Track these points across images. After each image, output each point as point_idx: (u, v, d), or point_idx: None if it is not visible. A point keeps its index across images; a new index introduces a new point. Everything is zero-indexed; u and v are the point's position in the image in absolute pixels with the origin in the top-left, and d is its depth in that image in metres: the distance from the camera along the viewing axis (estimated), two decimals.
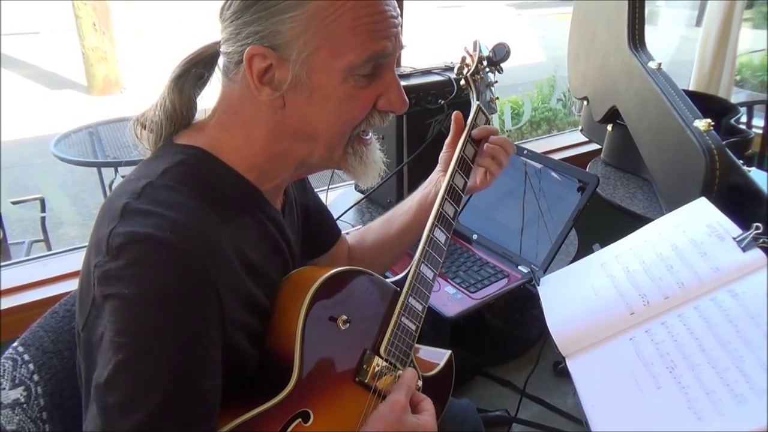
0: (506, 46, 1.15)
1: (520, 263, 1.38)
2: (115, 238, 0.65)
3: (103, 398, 0.63)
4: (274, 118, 0.75)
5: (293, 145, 0.77)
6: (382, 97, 0.77)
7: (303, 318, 0.74)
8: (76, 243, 2.37)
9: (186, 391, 0.64)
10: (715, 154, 1.27)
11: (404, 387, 0.80)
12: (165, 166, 0.72)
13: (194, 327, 0.65)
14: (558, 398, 1.99)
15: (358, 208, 1.64)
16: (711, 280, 0.83)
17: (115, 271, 0.64)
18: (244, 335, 0.73)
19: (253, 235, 0.77)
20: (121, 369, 0.62)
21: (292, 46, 0.70)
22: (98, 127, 2.67)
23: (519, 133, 3.56)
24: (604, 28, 1.77)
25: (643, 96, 1.56)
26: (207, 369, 0.67)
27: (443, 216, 0.95)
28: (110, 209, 0.69)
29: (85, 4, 5.04)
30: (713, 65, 2.51)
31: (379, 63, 0.74)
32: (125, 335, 0.63)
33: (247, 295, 0.74)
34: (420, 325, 0.89)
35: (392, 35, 0.73)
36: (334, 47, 0.70)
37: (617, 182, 1.78)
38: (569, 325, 0.91)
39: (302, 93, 0.73)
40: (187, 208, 0.69)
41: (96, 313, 0.66)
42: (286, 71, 0.71)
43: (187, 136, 0.78)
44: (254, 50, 0.70)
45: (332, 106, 0.74)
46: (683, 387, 0.74)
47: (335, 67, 0.71)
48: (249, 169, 0.77)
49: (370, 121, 0.79)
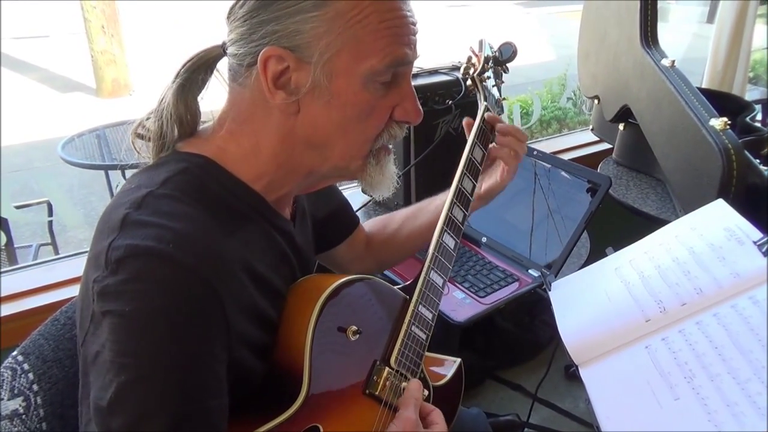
0: (512, 45, 1.12)
1: (530, 267, 1.35)
2: (114, 252, 0.62)
3: (107, 422, 0.60)
4: (286, 124, 0.71)
5: (303, 154, 0.74)
6: (399, 107, 0.74)
7: (312, 329, 0.71)
8: (83, 246, 2.37)
9: (192, 412, 0.62)
10: (732, 154, 1.23)
11: (411, 401, 0.77)
12: (167, 174, 0.69)
13: (198, 345, 0.63)
14: (569, 402, 1.96)
15: (365, 211, 1.62)
16: (730, 286, 0.80)
17: (114, 287, 0.61)
18: (250, 349, 0.71)
19: (260, 246, 0.74)
20: (123, 391, 0.60)
21: (313, 47, 0.66)
22: (105, 129, 2.67)
23: (529, 132, 3.52)
24: (615, 26, 1.74)
25: (656, 94, 1.53)
26: (213, 387, 0.64)
27: (452, 221, 0.92)
28: (109, 220, 0.66)
29: (94, 7, 5.06)
30: (727, 62, 2.46)
31: (397, 71, 0.71)
32: (126, 356, 0.60)
33: (253, 308, 0.71)
34: (430, 334, 0.86)
35: (412, 43, 0.71)
36: (357, 50, 0.67)
37: (629, 182, 1.74)
38: (582, 333, 0.88)
39: (320, 98, 0.69)
40: (190, 218, 0.66)
41: (94, 330, 0.64)
42: (305, 74, 0.67)
43: (191, 144, 0.75)
44: (271, 51, 0.66)
45: (350, 113, 0.70)
46: (702, 398, 0.71)
47: (357, 72, 0.68)
48: (256, 179, 0.74)
49: (390, 132, 0.76)
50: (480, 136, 1.00)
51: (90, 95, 5.55)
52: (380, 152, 0.77)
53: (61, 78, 5.91)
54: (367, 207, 1.63)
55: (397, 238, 1.09)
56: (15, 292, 1.35)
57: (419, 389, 0.80)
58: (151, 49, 6.22)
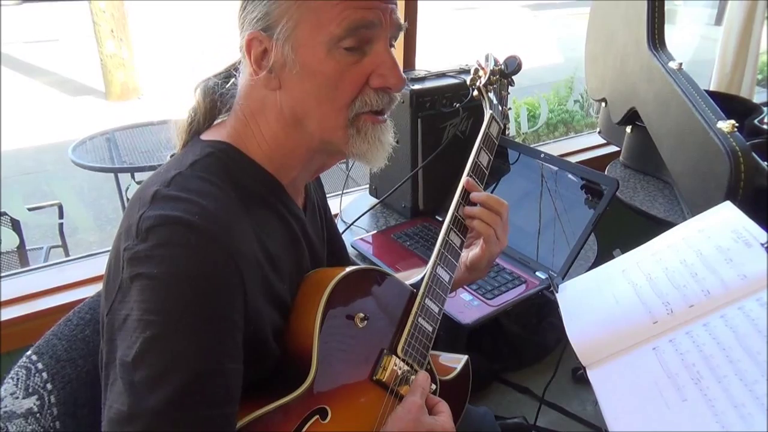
0: (517, 58, 1.18)
1: (537, 269, 1.35)
2: (145, 221, 0.66)
3: (130, 375, 0.63)
4: (275, 102, 0.76)
5: (295, 129, 0.78)
6: (374, 74, 0.75)
7: (321, 315, 0.75)
8: (93, 248, 2.39)
9: (211, 371, 0.65)
10: (739, 156, 1.23)
11: (418, 388, 0.80)
12: (194, 158, 0.74)
13: (220, 308, 0.66)
14: (577, 405, 1.96)
15: (372, 213, 1.63)
16: (738, 288, 0.80)
17: (144, 252, 0.65)
18: (265, 326, 0.74)
19: (273, 227, 0.78)
20: (148, 346, 0.63)
21: (278, 24, 0.72)
22: (115, 133, 2.70)
23: (535, 135, 3.52)
24: (623, 28, 1.74)
25: (663, 97, 1.53)
26: (231, 351, 0.67)
27: (458, 219, 0.95)
28: (140, 197, 0.71)
29: (103, 11, 5.11)
30: (735, 64, 2.46)
31: (364, 36, 0.73)
32: (153, 313, 0.64)
33: (268, 286, 0.74)
34: (437, 327, 0.89)
35: (375, 6, 0.73)
36: (315, 20, 0.72)
37: (637, 185, 1.74)
38: (590, 334, 0.89)
39: (292, 71, 0.74)
40: (215, 197, 0.70)
41: (122, 297, 0.67)
42: (277, 51, 0.73)
43: (212, 132, 0.81)
44: (250, 35, 0.73)
45: (320, 81, 0.74)
46: (710, 400, 0.71)
47: (318, 40, 0.72)
48: (268, 161, 0.79)
49: (365, 99, 0.76)
50: (486, 143, 1.03)
51: (99, 98, 5.60)
52: (359, 120, 0.77)
53: (71, 82, 5.96)
54: (374, 210, 1.64)
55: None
56: (27, 293, 1.37)
57: (427, 379, 0.83)
58: (159, 53, 6.26)
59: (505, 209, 0.96)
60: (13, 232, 1.81)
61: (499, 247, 0.97)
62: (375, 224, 1.59)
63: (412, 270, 1.07)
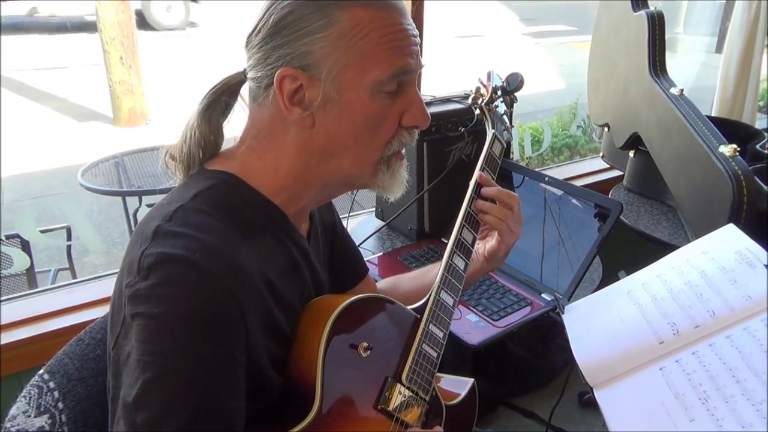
0: (519, 75, 1.16)
1: (542, 291, 1.36)
2: (147, 259, 0.67)
3: (132, 417, 0.63)
4: (302, 137, 0.76)
5: (319, 165, 0.78)
6: (406, 113, 0.79)
7: (324, 345, 0.74)
8: (100, 271, 2.41)
9: (212, 410, 0.65)
10: (741, 180, 1.25)
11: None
12: (196, 190, 0.75)
13: (221, 347, 0.66)
14: (584, 429, 1.94)
15: (378, 236, 1.64)
16: (743, 309, 0.81)
17: (144, 291, 0.66)
18: (262, 357, 0.74)
19: (274, 256, 0.78)
20: (148, 387, 0.63)
21: (321, 65, 0.72)
22: (124, 157, 2.72)
23: (540, 159, 3.55)
24: (624, 56, 1.77)
25: (665, 123, 1.55)
26: (233, 389, 0.67)
27: (462, 243, 0.94)
28: (142, 232, 0.71)
29: (113, 39, 5.20)
30: (736, 91, 2.49)
31: (402, 80, 0.76)
32: (153, 354, 0.64)
33: (270, 318, 0.74)
34: (441, 353, 0.88)
35: (414, 53, 0.76)
36: (362, 64, 0.73)
37: (641, 209, 1.76)
38: (596, 355, 0.89)
39: (332, 110, 0.74)
40: (217, 231, 0.70)
41: (125, 333, 0.68)
42: (316, 90, 0.73)
43: (218, 162, 0.80)
44: (285, 72, 0.72)
45: (361, 123, 0.75)
46: (717, 420, 0.71)
47: (363, 84, 0.73)
48: (276, 193, 0.79)
49: (400, 139, 0.80)
50: (489, 162, 1.03)
51: (107, 124, 5.66)
52: (392, 159, 0.81)
53: (79, 107, 6.04)
54: (381, 233, 1.65)
55: (409, 298, 1.09)
56: (36, 315, 1.39)
57: None
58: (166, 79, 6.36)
59: (516, 202, 0.98)
60: (23, 253, 1.83)
61: (513, 238, 0.99)
62: (381, 246, 1.60)
63: (429, 266, 1.08)
